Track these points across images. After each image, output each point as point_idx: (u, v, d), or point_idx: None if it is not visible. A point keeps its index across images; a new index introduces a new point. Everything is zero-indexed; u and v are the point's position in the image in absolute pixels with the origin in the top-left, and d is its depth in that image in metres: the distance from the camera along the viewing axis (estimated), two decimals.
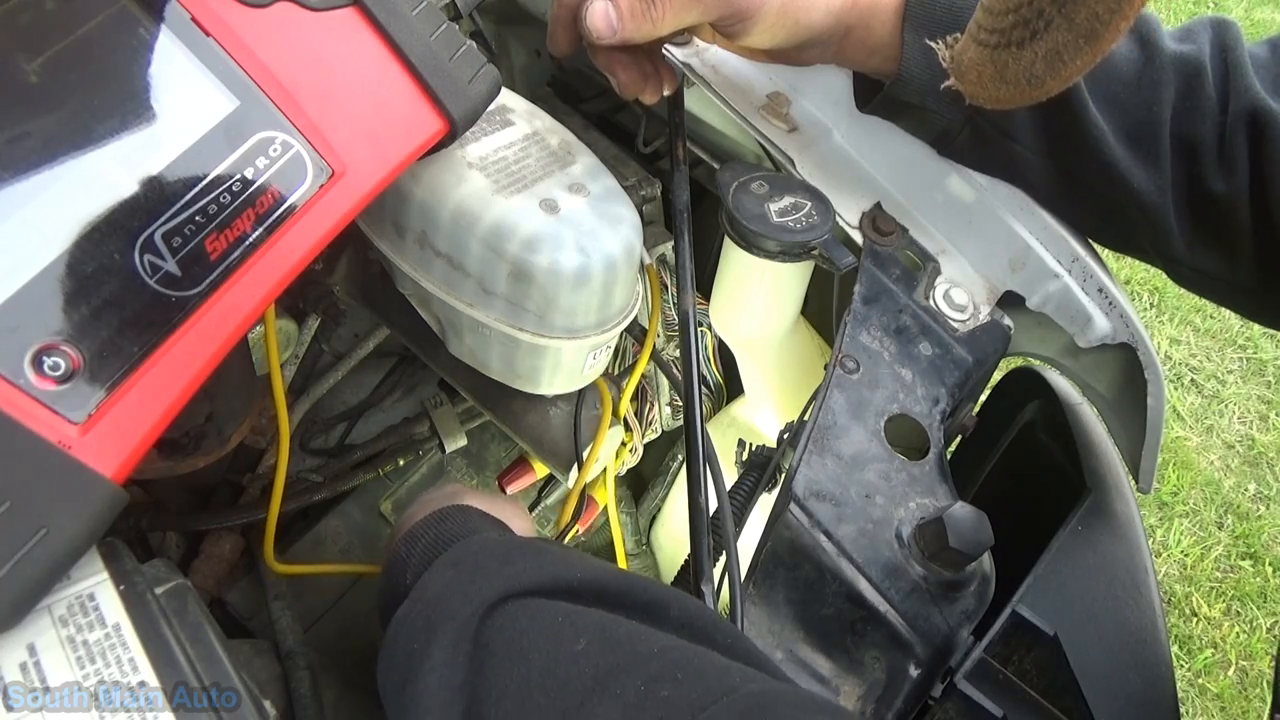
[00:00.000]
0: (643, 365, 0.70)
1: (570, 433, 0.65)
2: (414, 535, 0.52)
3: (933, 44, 0.53)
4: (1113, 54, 0.58)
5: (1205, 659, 1.67)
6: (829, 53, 0.59)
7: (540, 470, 0.86)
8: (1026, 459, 0.74)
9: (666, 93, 0.63)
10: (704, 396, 0.91)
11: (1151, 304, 2.32)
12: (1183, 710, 1.63)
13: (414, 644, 0.42)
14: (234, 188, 0.40)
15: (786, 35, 0.57)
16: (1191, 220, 0.58)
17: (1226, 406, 2.14)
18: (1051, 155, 0.60)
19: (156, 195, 0.38)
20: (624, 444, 0.76)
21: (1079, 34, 0.39)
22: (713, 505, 0.58)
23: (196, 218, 0.39)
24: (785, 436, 0.66)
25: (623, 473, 0.84)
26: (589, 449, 0.69)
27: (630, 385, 0.69)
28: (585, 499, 0.78)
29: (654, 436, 0.88)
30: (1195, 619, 1.74)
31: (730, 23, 0.55)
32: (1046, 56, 0.41)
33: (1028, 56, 0.42)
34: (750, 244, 0.63)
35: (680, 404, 0.87)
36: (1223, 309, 2.30)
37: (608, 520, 0.83)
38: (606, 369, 0.69)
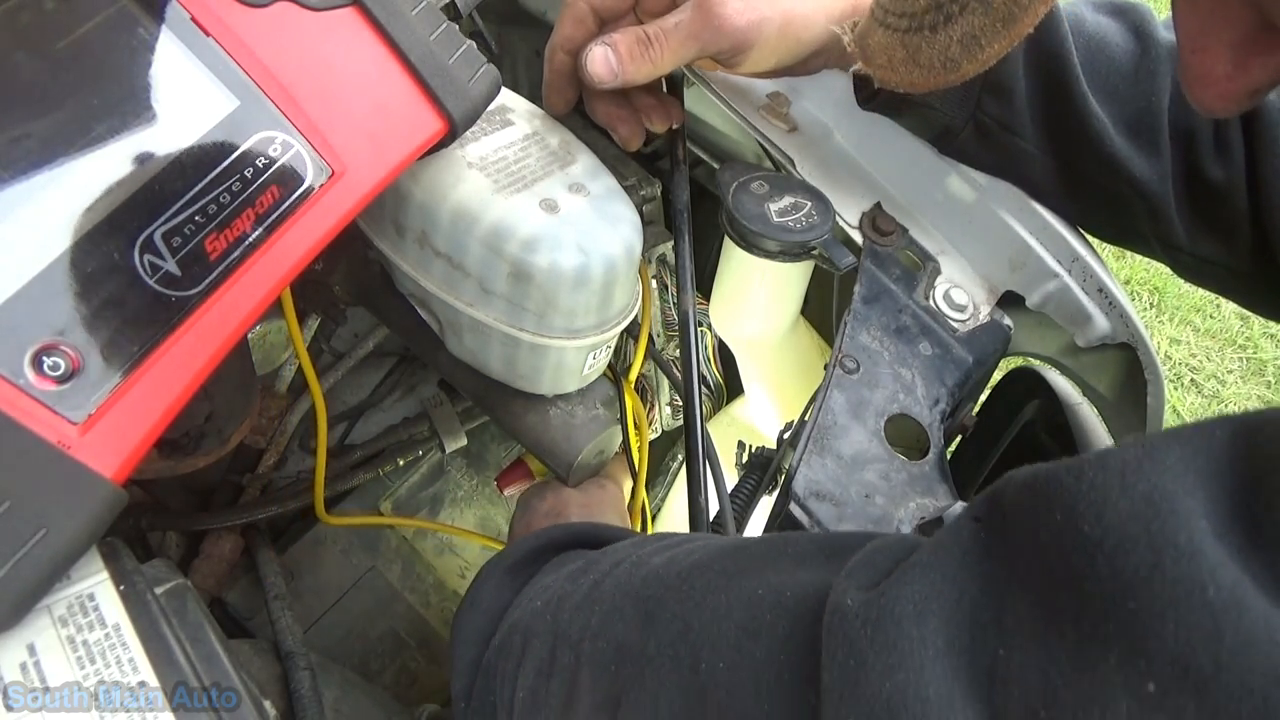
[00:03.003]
0: (638, 365, 0.70)
1: (570, 434, 0.65)
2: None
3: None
4: (1109, 45, 0.58)
5: None
6: (831, 61, 0.59)
7: (539, 471, 0.86)
8: (1026, 459, 0.74)
9: (675, 125, 0.63)
10: (704, 396, 0.91)
11: (1151, 304, 2.32)
12: None
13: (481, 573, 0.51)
14: (234, 187, 0.40)
15: (789, 54, 0.56)
16: (1191, 208, 0.59)
17: (1226, 406, 2.14)
18: (1054, 149, 0.60)
19: (156, 195, 0.38)
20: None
21: (996, 18, 0.38)
22: (713, 505, 0.58)
23: (196, 217, 0.39)
24: (785, 436, 0.66)
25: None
26: (639, 463, 0.71)
27: (627, 385, 0.69)
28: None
29: (654, 436, 0.88)
30: None
31: (731, 54, 0.55)
32: (962, 40, 0.40)
33: (942, 40, 0.41)
34: (750, 244, 0.63)
35: (680, 404, 0.87)
36: (1222, 308, 2.31)
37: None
38: (609, 367, 0.69)
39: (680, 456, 1.03)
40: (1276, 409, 0.25)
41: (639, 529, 0.77)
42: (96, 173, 0.37)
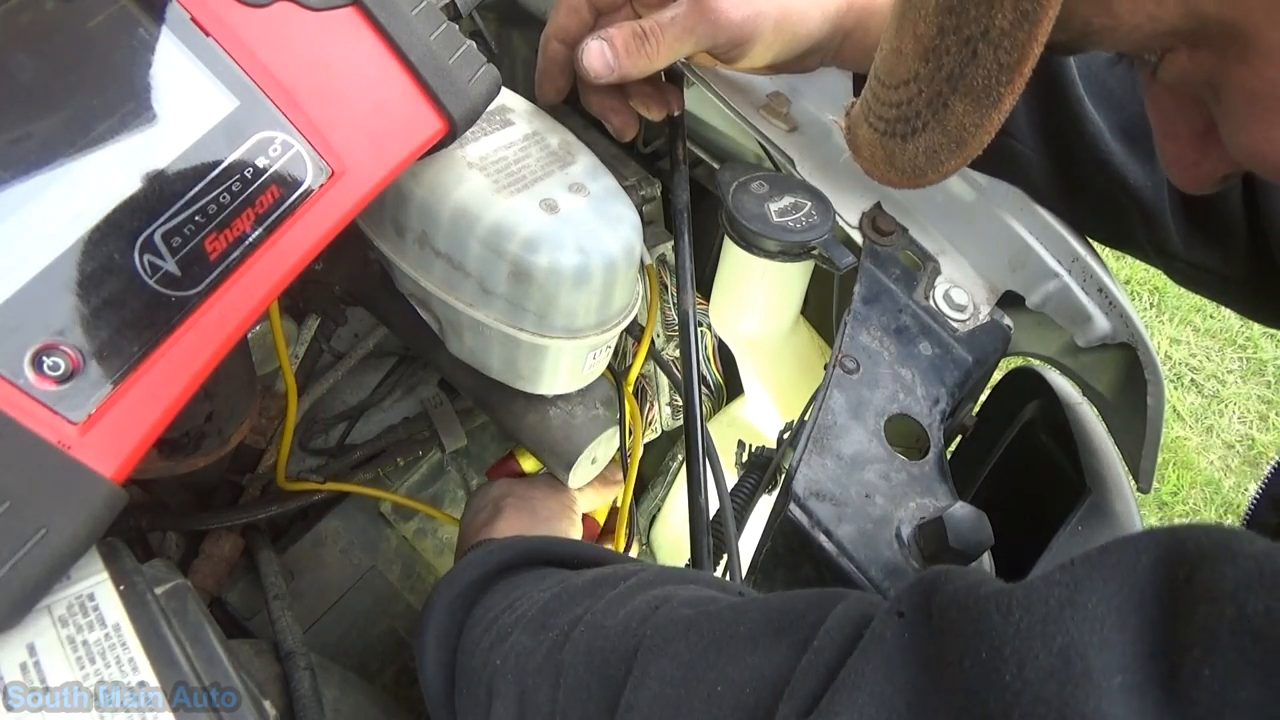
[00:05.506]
0: (639, 364, 0.70)
1: (570, 434, 0.65)
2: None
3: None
4: None
5: None
6: (828, 58, 0.59)
7: (532, 468, 0.86)
8: (1026, 459, 0.74)
9: (674, 113, 0.63)
10: (704, 396, 0.91)
11: (1151, 304, 2.32)
12: None
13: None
14: (234, 187, 0.40)
15: (785, 50, 0.57)
16: (1187, 215, 0.59)
17: (1226, 406, 2.14)
18: (1049, 152, 0.60)
19: (156, 195, 0.38)
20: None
21: (950, 139, 0.40)
22: (713, 505, 0.58)
23: (196, 218, 0.39)
24: (785, 436, 0.66)
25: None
26: (631, 464, 0.71)
27: (628, 384, 0.69)
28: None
29: (654, 436, 0.88)
30: None
31: (727, 48, 0.56)
32: (926, 152, 0.42)
33: (911, 150, 0.43)
34: (750, 244, 0.63)
35: (680, 404, 0.87)
36: (1222, 309, 2.31)
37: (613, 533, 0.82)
38: (609, 368, 0.69)
39: (680, 456, 1.03)
40: (1203, 527, 0.25)
41: (624, 534, 0.77)
42: (96, 173, 0.37)
